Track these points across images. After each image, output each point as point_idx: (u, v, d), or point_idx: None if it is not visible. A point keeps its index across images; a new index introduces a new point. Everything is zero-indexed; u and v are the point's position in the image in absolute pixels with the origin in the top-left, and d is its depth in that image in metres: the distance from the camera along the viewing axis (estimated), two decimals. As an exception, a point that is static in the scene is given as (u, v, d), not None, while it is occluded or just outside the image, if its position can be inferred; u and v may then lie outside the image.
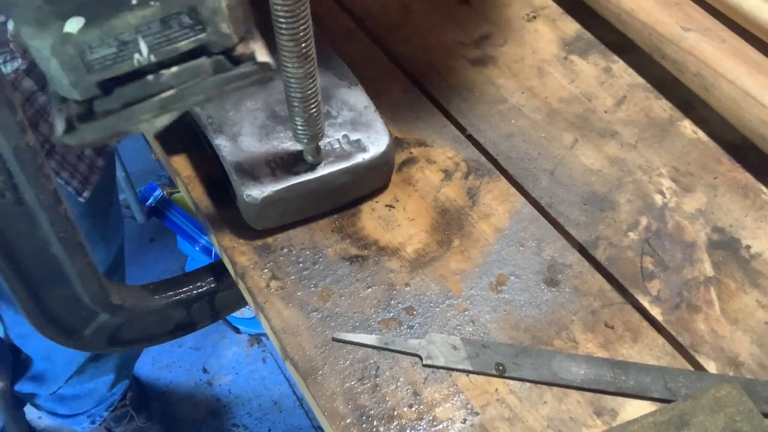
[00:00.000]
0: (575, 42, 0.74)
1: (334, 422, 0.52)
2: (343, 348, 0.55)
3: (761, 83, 0.62)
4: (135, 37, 0.43)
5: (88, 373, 1.41)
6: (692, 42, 0.66)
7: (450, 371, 0.54)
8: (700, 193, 0.63)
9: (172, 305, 0.66)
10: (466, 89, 0.71)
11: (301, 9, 0.47)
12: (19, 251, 0.51)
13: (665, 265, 0.59)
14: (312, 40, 0.50)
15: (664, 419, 0.49)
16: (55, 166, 0.91)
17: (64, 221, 0.49)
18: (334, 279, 0.59)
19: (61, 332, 0.59)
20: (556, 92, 0.70)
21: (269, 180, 0.58)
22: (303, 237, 0.61)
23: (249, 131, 0.61)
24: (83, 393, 1.47)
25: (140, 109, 0.47)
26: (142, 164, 1.90)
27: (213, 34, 0.44)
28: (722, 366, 0.54)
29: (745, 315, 0.56)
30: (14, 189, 0.46)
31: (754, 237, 0.60)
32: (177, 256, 1.86)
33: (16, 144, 0.42)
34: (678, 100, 0.69)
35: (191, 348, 1.75)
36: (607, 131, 0.68)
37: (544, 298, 0.57)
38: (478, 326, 0.56)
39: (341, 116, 0.62)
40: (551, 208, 0.63)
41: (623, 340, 0.55)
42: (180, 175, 0.65)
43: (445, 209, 0.63)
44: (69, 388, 1.43)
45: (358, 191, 0.62)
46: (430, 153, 0.66)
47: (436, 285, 0.58)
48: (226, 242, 0.61)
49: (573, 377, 0.53)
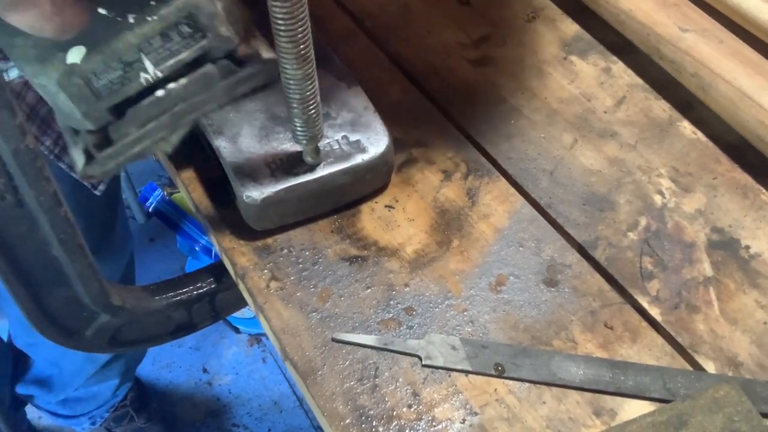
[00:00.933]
0: (575, 43, 0.74)
1: (334, 422, 0.52)
2: (343, 348, 0.55)
3: (759, 84, 0.62)
4: (138, 56, 0.43)
5: (94, 378, 1.41)
6: (690, 42, 0.66)
7: (449, 371, 0.54)
8: (699, 193, 0.63)
9: (172, 306, 0.66)
10: (465, 90, 0.71)
11: (299, 11, 0.48)
12: (20, 253, 0.51)
13: (664, 266, 0.59)
14: (311, 42, 0.50)
15: (662, 419, 0.49)
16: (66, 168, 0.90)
17: (64, 223, 0.49)
18: (334, 279, 0.59)
19: (61, 333, 0.59)
20: (556, 93, 0.71)
21: (269, 181, 0.58)
22: (303, 238, 0.61)
23: (248, 132, 0.61)
24: (87, 396, 1.47)
25: (156, 128, 0.46)
26: (142, 164, 1.90)
27: (214, 39, 0.44)
28: (721, 366, 0.54)
29: (744, 315, 0.56)
30: (14, 191, 0.46)
31: (754, 237, 0.61)
32: (177, 256, 1.86)
33: (16, 146, 0.42)
34: (677, 101, 0.69)
35: (191, 348, 1.75)
36: (607, 131, 0.68)
37: (543, 299, 0.58)
38: (478, 326, 0.56)
39: (341, 117, 0.62)
40: (551, 208, 0.63)
41: (622, 341, 0.55)
42: (180, 176, 0.65)
43: (444, 210, 0.63)
44: (73, 392, 1.43)
45: (358, 192, 0.62)
46: (430, 153, 0.66)
47: (436, 285, 0.58)
48: (226, 243, 0.61)
49: (572, 377, 0.53)
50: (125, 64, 0.43)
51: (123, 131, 0.46)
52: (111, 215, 1.19)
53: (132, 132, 0.46)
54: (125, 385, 1.50)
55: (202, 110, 0.47)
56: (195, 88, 0.46)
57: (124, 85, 0.44)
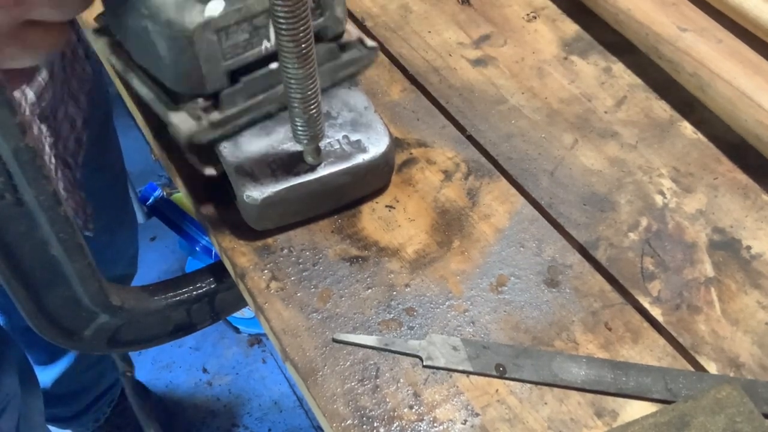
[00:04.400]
0: (575, 42, 0.74)
1: (335, 423, 0.51)
2: (344, 349, 0.55)
3: (757, 84, 0.62)
4: (267, 22, 0.42)
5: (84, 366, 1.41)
6: (689, 42, 0.66)
7: (450, 372, 0.54)
8: (700, 193, 0.63)
9: (171, 306, 0.66)
10: (466, 90, 0.71)
11: (300, 9, 0.47)
12: (19, 252, 0.50)
13: (666, 266, 0.59)
14: (312, 41, 0.50)
15: (664, 420, 0.49)
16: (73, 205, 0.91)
17: (63, 222, 0.49)
18: (334, 280, 0.59)
19: (61, 333, 0.59)
20: (556, 93, 0.70)
21: (269, 181, 0.58)
22: (303, 238, 0.61)
23: (249, 132, 0.60)
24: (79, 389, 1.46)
25: (263, 101, 0.46)
26: (142, 164, 1.90)
27: (329, 18, 0.44)
28: (723, 367, 0.54)
29: (745, 316, 0.56)
30: (14, 190, 0.45)
31: (755, 237, 0.60)
32: (177, 256, 1.86)
33: (16, 145, 0.42)
34: (678, 101, 0.69)
35: (191, 348, 1.75)
36: (608, 132, 0.68)
37: (544, 299, 0.57)
38: (479, 327, 0.56)
39: (341, 117, 0.62)
40: (551, 208, 0.63)
41: (624, 341, 0.55)
42: (180, 176, 0.65)
43: (445, 210, 0.63)
44: (64, 386, 1.43)
45: (358, 192, 0.62)
46: (430, 153, 0.66)
47: (437, 286, 0.58)
48: (226, 243, 0.61)
49: (573, 378, 0.53)
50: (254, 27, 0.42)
51: (233, 99, 0.45)
52: (125, 194, 1.26)
53: (240, 102, 0.45)
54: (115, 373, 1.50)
55: (309, 91, 0.47)
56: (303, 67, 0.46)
57: (246, 50, 0.43)
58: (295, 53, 0.50)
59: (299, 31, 0.48)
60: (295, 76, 0.51)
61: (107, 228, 1.14)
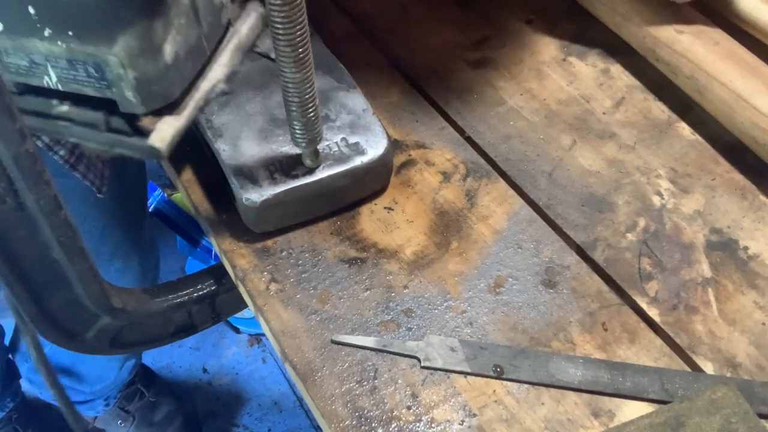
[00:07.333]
0: (573, 44, 0.75)
1: (333, 424, 0.52)
2: (342, 350, 0.55)
3: (754, 86, 0.62)
4: (45, 63, 0.45)
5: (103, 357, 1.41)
6: (686, 44, 0.66)
7: (448, 373, 0.54)
8: (698, 194, 0.64)
9: (172, 308, 0.67)
10: (464, 91, 0.71)
11: (297, 14, 0.48)
12: (21, 256, 0.51)
13: (663, 267, 0.59)
14: (309, 45, 0.50)
15: (660, 421, 0.50)
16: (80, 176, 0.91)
17: (64, 226, 0.50)
18: (333, 281, 0.59)
19: (63, 335, 0.60)
20: (555, 94, 0.71)
21: (268, 183, 0.58)
22: (302, 240, 0.61)
23: (248, 135, 0.61)
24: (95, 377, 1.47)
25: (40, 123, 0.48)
26: (142, 164, 1.89)
27: (117, 95, 0.45)
28: (720, 367, 0.54)
29: (742, 316, 0.57)
30: (15, 195, 0.46)
31: (752, 238, 0.61)
32: (177, 256, 1.86)
33: (17, 151, 0.43)
34: (676, 102, 0.69)
35: (191, 348, 1.75)
36: (606, 133, 0.68)
37: (542, 300, 0.58)
38: (476, 328, 0.56)
39: (340, 119, 0.62)
40: (549, 209, 0.63)
41: (621, 342, 0.56)
42: (180, 178, 0.65)
43: (443, 211, 0.63)
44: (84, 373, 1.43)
45: (357, 194, 0.63)
46: (429, 155, 0.67)
47: (435, 287, 0.59)
48: (225, 245, 0.61)
49: (570, 379, 0.53)
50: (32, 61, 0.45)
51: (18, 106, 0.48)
52: (139, 215, 1.22)
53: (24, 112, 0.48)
54: (131, 360, 1.50)
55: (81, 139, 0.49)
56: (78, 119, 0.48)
57: (27, 75, 0.47)
58: (292, 57, 0.50)
59: (296, 35, 0.49)
60: (292, 80, 0.52)
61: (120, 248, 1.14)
